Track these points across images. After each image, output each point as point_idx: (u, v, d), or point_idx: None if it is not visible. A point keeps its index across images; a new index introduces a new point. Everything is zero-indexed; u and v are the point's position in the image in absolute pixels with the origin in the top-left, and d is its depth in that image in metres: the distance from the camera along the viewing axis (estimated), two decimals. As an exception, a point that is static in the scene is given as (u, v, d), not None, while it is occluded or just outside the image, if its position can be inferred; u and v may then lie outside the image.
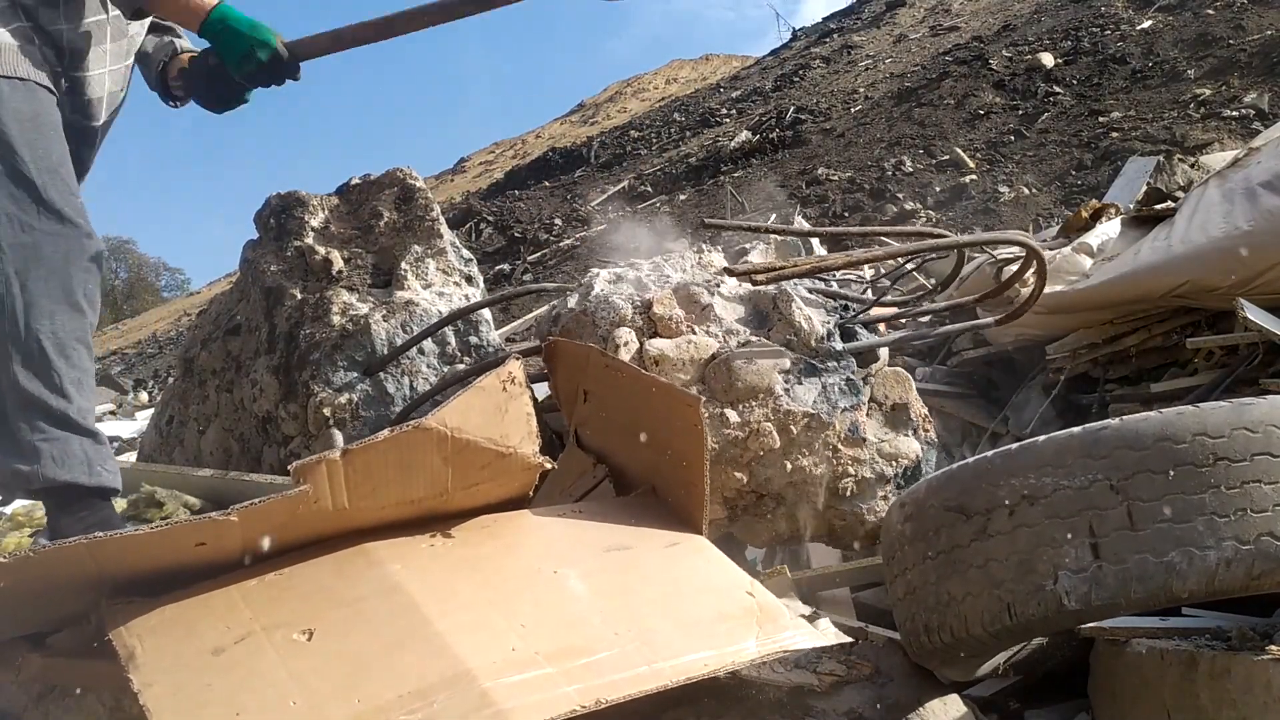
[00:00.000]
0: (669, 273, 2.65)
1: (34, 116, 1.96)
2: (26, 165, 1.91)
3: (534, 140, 27.37)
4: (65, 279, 1.91)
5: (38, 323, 1.87)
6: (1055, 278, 3.42)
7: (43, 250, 1.90)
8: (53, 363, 1.87)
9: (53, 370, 1.87)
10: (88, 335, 1.96)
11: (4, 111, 1.91)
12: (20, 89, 1.95)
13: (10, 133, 1.91)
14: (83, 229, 1.96)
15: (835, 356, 2.42)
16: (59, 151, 1.99)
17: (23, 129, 1.92)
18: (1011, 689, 1.96)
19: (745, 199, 10.38)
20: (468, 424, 1.66)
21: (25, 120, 1.94)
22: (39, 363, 1.86)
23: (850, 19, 19.11)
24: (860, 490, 2.41)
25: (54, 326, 1.89)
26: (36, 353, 1.86)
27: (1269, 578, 1.45)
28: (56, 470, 1.84)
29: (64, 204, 1.94)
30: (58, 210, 1.92)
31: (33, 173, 1.91)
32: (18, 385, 1.85)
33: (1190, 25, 9.52)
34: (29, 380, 1.85)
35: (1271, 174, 3.16)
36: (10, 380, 1.86)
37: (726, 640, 1.51)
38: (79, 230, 1.95)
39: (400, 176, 2.94)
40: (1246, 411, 1.50)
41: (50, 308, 1.89)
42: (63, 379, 1.88)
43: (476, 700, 1.29)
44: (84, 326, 1.95)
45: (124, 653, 1.39)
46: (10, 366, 1.86)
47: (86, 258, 1.96)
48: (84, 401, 1.92)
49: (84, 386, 1.93)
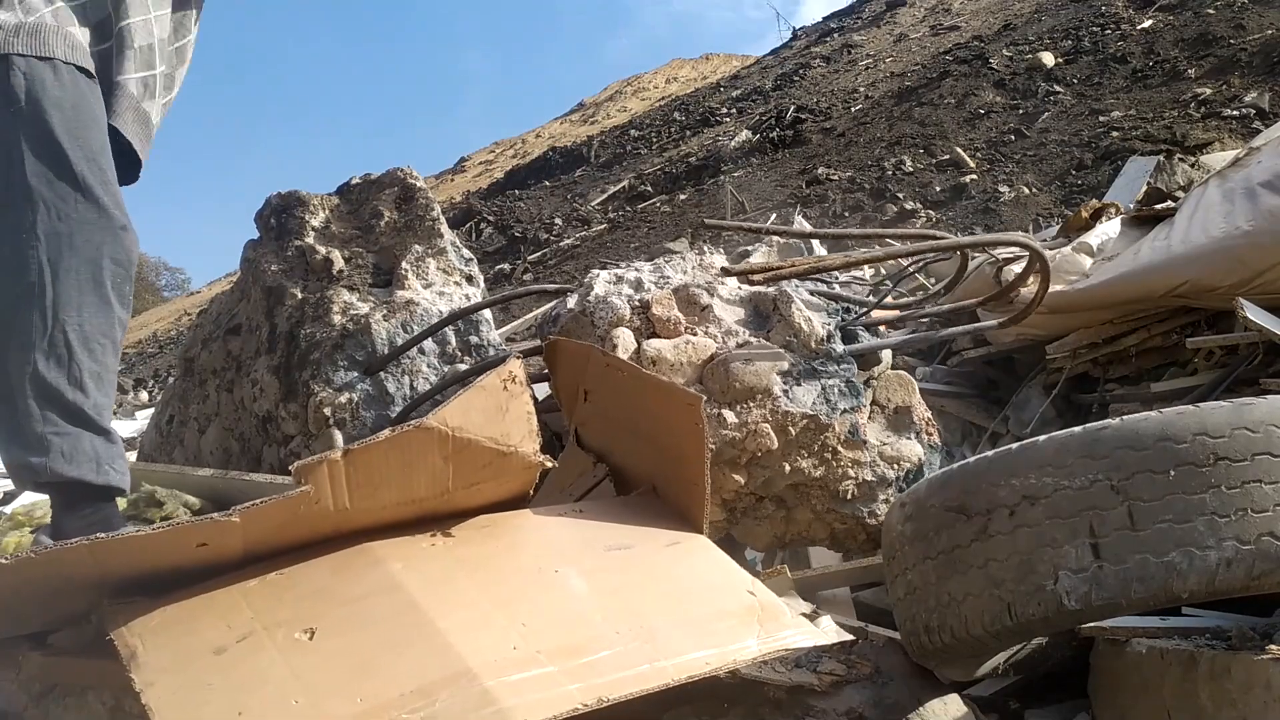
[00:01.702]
0: (669, 274, 2.65)
1: (75, 104, 1.93)
2: (67, 153, 1.88)
3: (534, 140, 27.36)
4: (97, 271, 1.88)
5: (65, 314, 1.84)
6: (1055, 278, 3.42)
7: (76, 239, 1.87)
8: (76, 354, 1.84)
9: (75, 363, 1.84)
10: (115, 331, 1.93)
11: (46, 99, 1.88)
12: (62, 74, 1.92)
13: (52, 120, 1.88)
14: (118, 220, 1.93)
15: (835, 358, 2.42)
16: (99, 140, 1.96)
17: (64, 116, 1.90)
18: (1011, 689, 1.96)
19: (745, 199, 10.38)
20: (468, 423, 1.67)
21: (66, 108, 1.91)
22: (62, 354, 1.83)
23: (850, 18, 19.11)
24: (861, 493, 2.40)
25: (81, 319, 1.86)
26: (61, 344, 1.83)
27: (1269, 578, 1.45)
28: (65, 466, 1.81)
29: (103, 193, 1.91)
30: (96, 199, 1.89)
31: (74, 161, 1.88)
32: (37, 374, 1.82)
33: (1191, 25, 9.52)
34: (49, 370, 1.82)
35: (1272, 173, 3.16)
36: (31, 369, 1.82)
37: (728, 639, 1.51)
38: (114, 221, 1.92)
39: (400, 176, 2.94)
40: (1247, 411, 1.50)
41: (80, 299, 1.86)
42: (83, 373, 1.85)
43: (478, 699, 1.29)
44: (112, 321, 1.91)
45: (125, 652, 1.39)
46: (32, 354, 1.82)
47: (120, 250, 1.93)
48: (102, 398, 1.89)
49: (104, 382, 1.90)
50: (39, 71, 1.89)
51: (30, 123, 1.87)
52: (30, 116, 1.87)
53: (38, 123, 1.87)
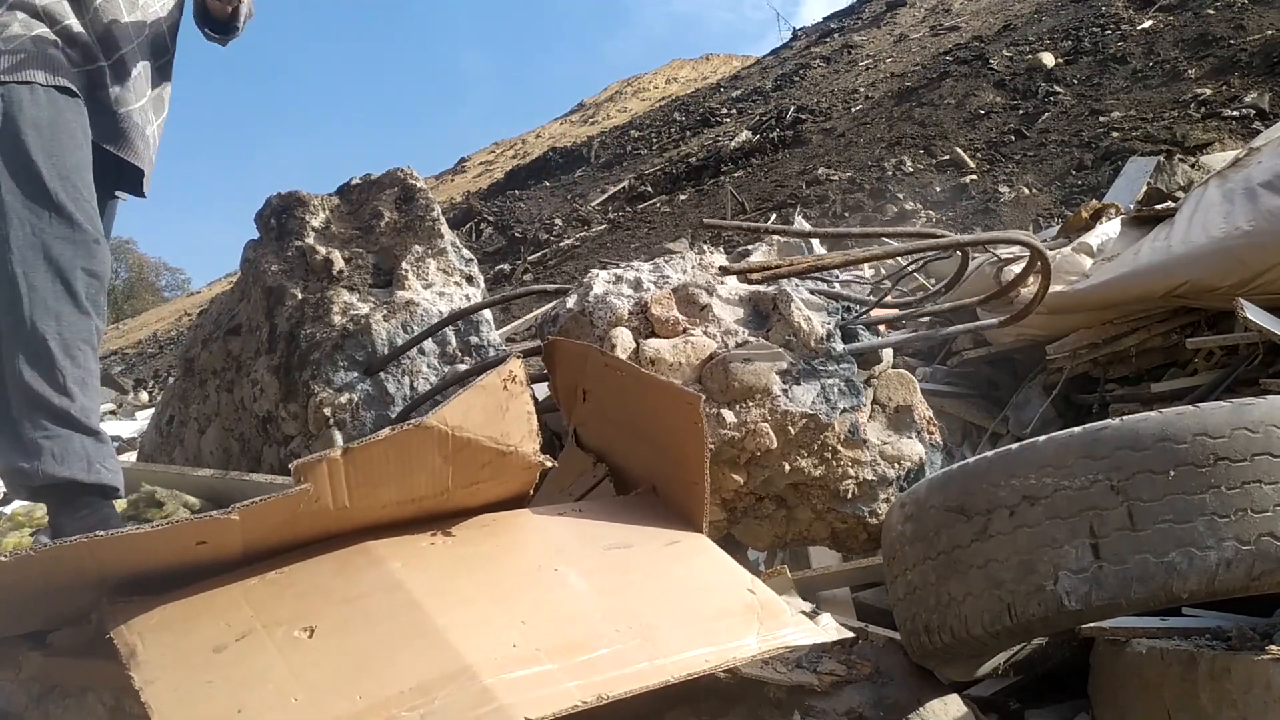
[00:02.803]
0: (669, 273, 2.64)
1: (51, 123, 2.02)
2: (42, 172, 1.97)
3: (534, 140, 27.35)
4: (70, 282, 1.96)
5: (44, 322, 1.92)
6: (1055, 278, 3.42)
7: (51, 252, 1.95)
8: (57, 361, 1.92)
9: (57, 369, 1.92)
10: (93, 337, 2.00)
11: (23, 120, 1.98)
12: (40, 95, 2.01)
13: (29, 141, 1.97)
14: (91, 235, 2.01)
15: (835, 357, 2.41)
16: (75, 158, 2.05)
17: (40, 136, 1.99)
18: (1011, 689, 1.96)
19: (745, 199, 10.38)
20: (468, 423, 1.67)
21: (44, 127, 2.00)
22: (44, 361, 1.91)
23: (850, 19, 19.09)
24: (861, 492, 2.40)
25: (60, 327, 1.93)
26: (42, 351, 1.91)
27: (1269, 578, 1.45)
28: (56, 467, 1.88)
29: (75, 210, 2.00)
30: (69, 215, 1.98)
31: (48, 179, 1.97)
32: (22, 382, 1.89)
33: (1191, 25, 9.52)
34: (33, 378, 1.90)
35: (1272, 174, 3.16)
36: (15, 378, 1.90)
37: (727, 637, 1.51)
38: (87, 235, 2.01)
39: (400, 176, 2.95)
40: (1247, 412, 1.51)
41: (56, 308, 1.94)
42: (66, 378, 1.92)
43: (478, 696, 1.29)
44: (89, 328, 1.99)
45: (125, 651, 1.39)
46: (16, 364, 1.90)
47: (92, 262, 2.01)
48: (87, 400, 1.96)
49: (88, 386, 1.97)
50: (16, 94, 1.99)
51: (6, 142, 1.96)
52: (7, 136, 1.96)
53: (14, 142, 1.96)
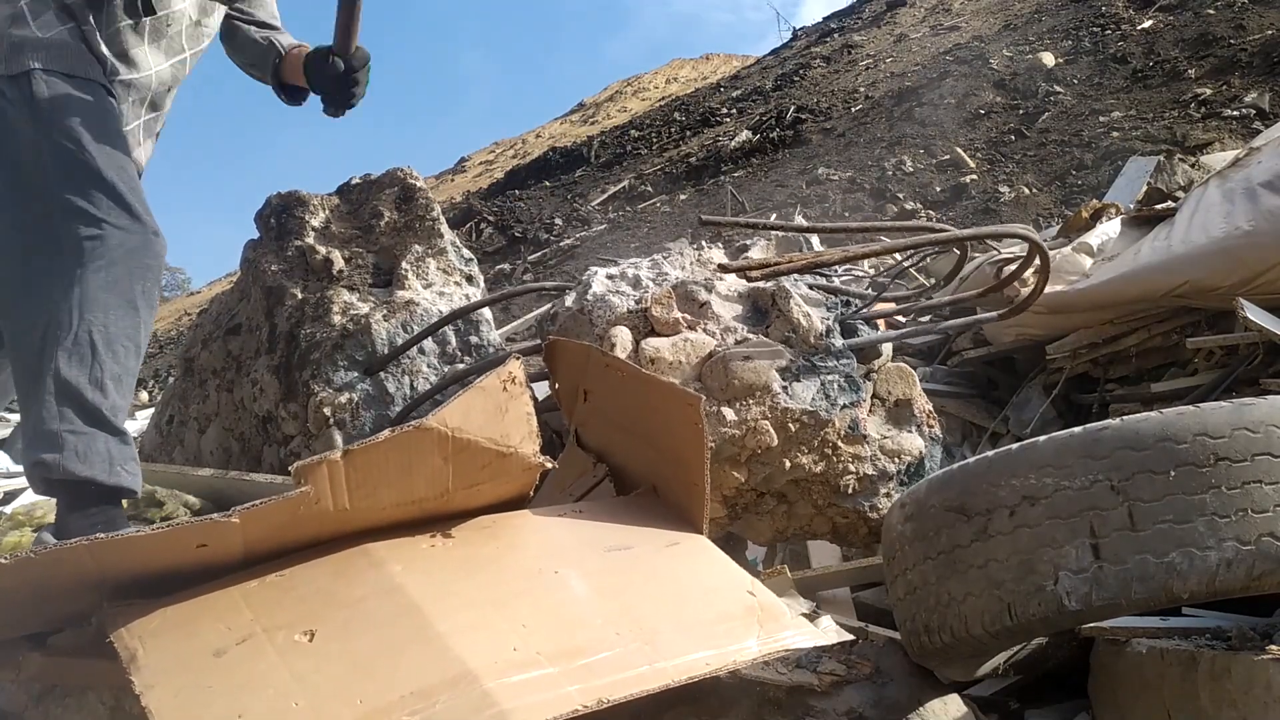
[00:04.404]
0: (668, 270, 2.64)
1: (101, 116, 1.98)
2: (98, 163, 1.92)
3: (534, 140, 27.33)
4: (125, 275, 1.91)
5: (91, 314, 1.85)
6: (1055, 277, 3.42)
7: (108, 244, 1.89)
8: (99, 354, 1.85)
9: (97, 363, 1.85)
10: (139, 335, 1.94)
11: (73, 112, 1.93)
12: (86, 89, 1.98)
13: (81, 133, 1.93)
14: (149, 227, 1.96)
15: (835, 353, 2.41)
16: (124, 149, 2.01)
17: (90, 128, 1.94)
18: (1011, 689, 1.96)
19: (745, 199, 10.38)
20: (468, 424, 1.66)
21: (94, 120, 1.96)
22: (85, 353, 1.84)
23: (850, 19, 19.07)
24: (862, 487, 2.40)
25: (106, 320, 1.87)
26: (85, 343, 1.84)
27: (1269, 578, 1.45)
28: (77, 464, 1.80)
29: (134, 200, 1.94)
30: (129, 206, 1.93)
31: (104, 170, 1.92)
32: (58, 372, 1.82)
33: (1191, 25, 9.51)
34: (69, 368, 1.83)
35: (1272, 174, 3.16)
36: (52, 366, 1.83)
37: (728, 639, 1.51)
38: (146, 228, 1.95)
39: (400, 176, 2.94)
40: (1247, 412, 1.51)
41: (106, 301, 1.88)
42: (104, 374, 1.85)
43: (478, 700, 1.29)
44: (136, 325, 1.93)
45: (125, 654, 1.39)
46: (55, 351, 1.83)
47: (150, 256, 1.96)
48: (120, 400, 1.90)
49: (123, 384, 1.91)
50: (59, 86, 1.94)
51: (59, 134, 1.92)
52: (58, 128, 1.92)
53: (66, 134, 1.92)
